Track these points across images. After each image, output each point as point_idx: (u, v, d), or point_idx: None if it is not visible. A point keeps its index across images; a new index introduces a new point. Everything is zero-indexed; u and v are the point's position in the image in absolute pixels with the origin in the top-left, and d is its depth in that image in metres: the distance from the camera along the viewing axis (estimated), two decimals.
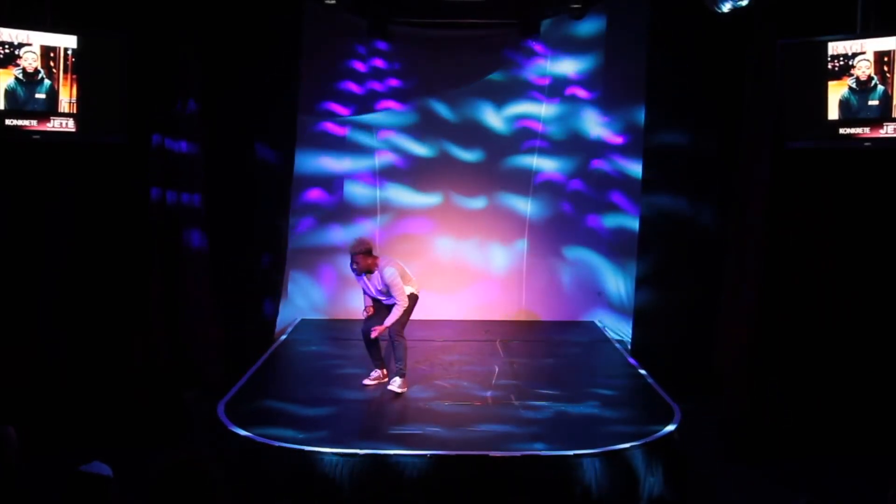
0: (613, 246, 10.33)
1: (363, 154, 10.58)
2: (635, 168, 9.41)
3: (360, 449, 5.89)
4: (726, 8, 6.74)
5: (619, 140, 10.20)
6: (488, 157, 10.58)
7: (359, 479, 5.79)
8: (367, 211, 10.63)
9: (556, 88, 10.47)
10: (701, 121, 8.28)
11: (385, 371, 7.66)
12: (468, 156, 10.58)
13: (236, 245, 9.10)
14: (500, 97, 10.52)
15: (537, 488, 5.80)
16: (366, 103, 10.49)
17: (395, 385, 7.31)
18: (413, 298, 7.44)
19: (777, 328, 6.99)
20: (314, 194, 10.48)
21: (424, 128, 10.56)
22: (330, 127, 10.48)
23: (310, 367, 8.25)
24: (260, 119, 9.17)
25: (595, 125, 10.43)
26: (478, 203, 10.58)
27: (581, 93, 10.44)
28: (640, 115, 9.29)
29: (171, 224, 7.82)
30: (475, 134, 10.57)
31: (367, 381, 7.63)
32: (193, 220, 8.03)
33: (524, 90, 10.52)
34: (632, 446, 6.05)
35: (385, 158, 10.58)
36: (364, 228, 10.55)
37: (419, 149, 10.58)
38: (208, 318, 8.20)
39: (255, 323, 9.37)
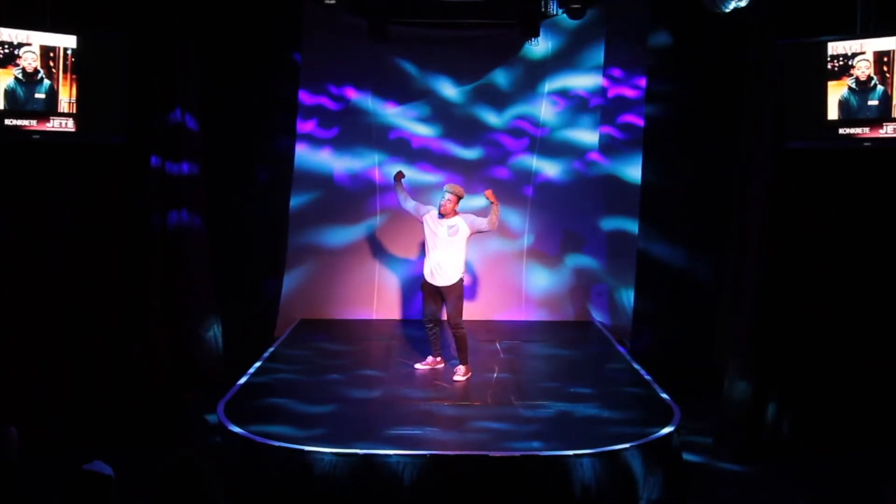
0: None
1: (363, 153, 10.57)
2: (635, 166, 9.41)
3: (360, 449, 5.89)
4: (726, 8, 6.74)
5: (618, 139, 10.21)
6: (488, 156, 10.59)
7: (358, 479, 5.79)
8: (367, 210, 10.62)
9: (555, 88, 10.47)
10: (701, 121, 8.30)
11: (440, 359, 8.07)
12: (468, 155, 10.58)
13: (237, 246, 9.10)
14: (500, 96, 10.52)
15: (537, 488, 5.80)
16: (365, 103, 10.48)
17: (460, 374, 7.68)
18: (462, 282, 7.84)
19: (777, 328, 7.00)
20: (313, 194, 10.48)
21: (424, 127, 10.56)
22: (329, 127, 10.47)
23: (309, 367, 8.25)
24: (260, 119, 9.17)
25: (595, 125, 10.44)
26: (478, 202, 10.57)
27: (581, 92, 10.44)
28: (640, 114, 9.30)
29: (171, 225, 7.79)
30: (475, 133, 10.57)
31: (419, 366, 8.05)
32: (194, 222, 8.01)
33: (524, 90, 10.51)
34: (631, 446, 6.05)
35: (385, 157, 10.58)
36: (364, 228, 10.57)
37: (419, 148, 10.58)
38: (208, 318, 8.19)
39: (256, 323, 9.37)
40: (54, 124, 6.46)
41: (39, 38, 6.34)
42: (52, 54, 6.37)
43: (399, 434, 6.25)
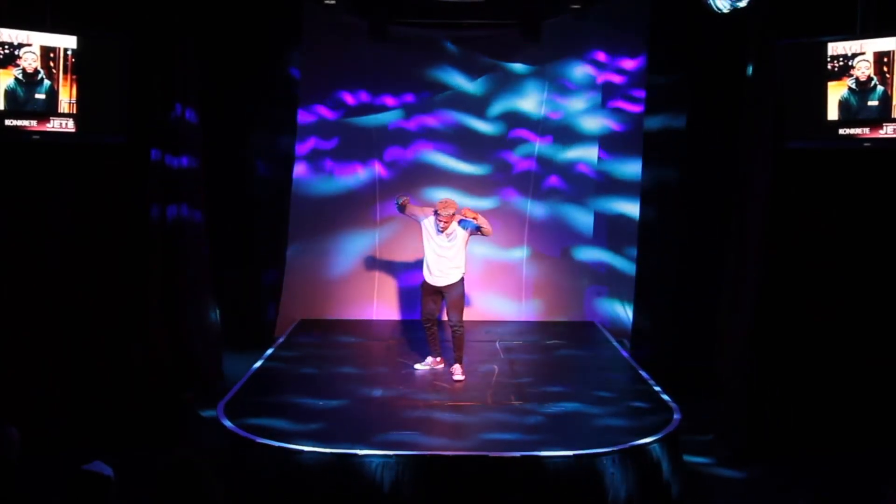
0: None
1: (362, 155, 10.57)
2: (635, 166, 9.41)
3: (359, 449, 5.89)
4: (726, 8, 6.74)
5: (618, 139, 10.21)
6: (488, 157, 10.59)
7: (357, 479, 5.79)
8: (367, 211, 10.62)
9: (556, 88, 10.48)
10: (701, 121, 8.30)
11: (440, 359, 8.11)
12: (468, 155, 10.57)
13: (236, 247, 9.10)
14: (501, 96, 10.52)
15: (537, 488, 5.80)
16: (365, 104, 10.48)
17: (458, 373, 7.72)
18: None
19: (777, 327, 7.00)
20: (313, 195, 10.48)
21: (425, 128, 10.56)
22: (329, 128, 10.47)
23: (309, 368, 8.25)
24: (259, 119, 9.17)
25: (595, 125, 10.44)
26: (477, 203, 10.58)
27: (581, 92, 10.45)
28: (640, 115, 9.30)
29: (171, 226, 7.80)
30: (475, 134, 10.57)
31: (419, 366, 8.10)
32: (195, 223, 8.01)
33: (524, 90, 10.51)
34: (631, 446, 6.05)
35: (384, 159, 10.58)
36: (364, 228, 10.57)
37: (419, 149, 10.58)
38: (208, 318, 8.19)
39: (256, 323, 9.37)
40: (54, 124, 6.46)
41: (39, 39, 6.34)
42: (52, 55, 6.37)
43: (398, 434, 6.25)
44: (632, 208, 9.63)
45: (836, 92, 6.36)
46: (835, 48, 6.34)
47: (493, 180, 10.59)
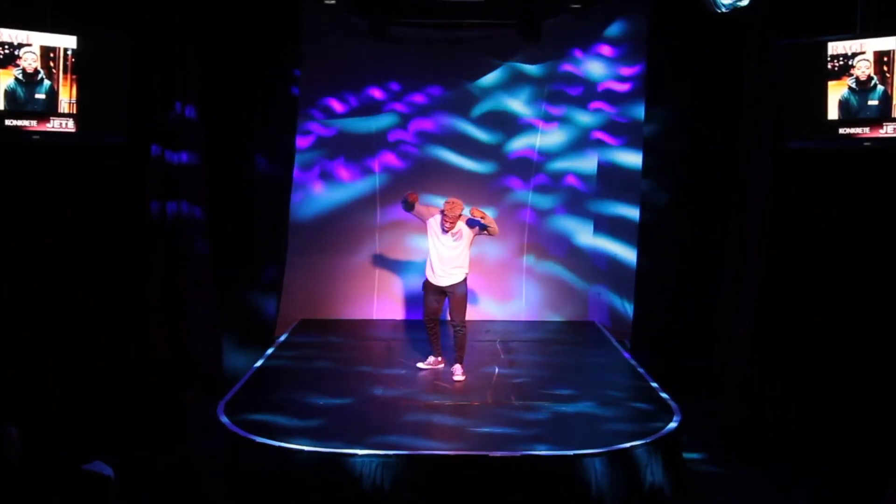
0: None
1: (363, 154, 10.57)
2: (635, 166, 9.41)
3: (360, 449, 5.89)
4: (727, 8, 6.74)
5: (619, 139, 10.21)
6: (488, 157, 10.58)
7: (358, 479, 5.79)
8: (367, 212, 10.62)
9: (556, 87, 10.48)
10: (701, 121, 8.31)
11: (441, 359, 8.14)
12: (468, 155, 10.57)
13: (237, 247, 9.09)
14: (501, 96, 10.52)
15: (537, 488, 5.80)
16: (365, 105, 10.48)
17: (459, 373, 7.75)
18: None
19: (777, 328, 7.00)
20: (313, 196, 10.48)
21: (425, 129, 10.56)
22: (329, 126, 10.47)
23: (309, 368, 8.25)
24: (259, 119, 9.16)
25: (595, 124, 10.44)
26: (477, 203, 10.57)
27: (581, 91, 10.44)
28: (640, 115, 9.30)
29: (171, 226, 7.79)
30: (475, 134, 10.57)
31: (421, 365, 8.14)
32: (195, 223, 8.00)
33: (524, 90, 10.51)
34: (632, 446, 6.05)
35: (385, 160, 10.58)
36: (364, 228, 10.57)
37: (419, 150, 10.58)
38: (208, 318, 8.19)
39: (256, 323, 9.37)
40: (54, 124, 6.46)
41: (39, 39, 6.34)
42: (52, 55, 6.37)
43: (399, 434, 6.25)
44: (632, 206, 9.62)
45: (836, 91, 6.36)
46: (835, 48, 6.34)
47: (493, 181, 10.58)
